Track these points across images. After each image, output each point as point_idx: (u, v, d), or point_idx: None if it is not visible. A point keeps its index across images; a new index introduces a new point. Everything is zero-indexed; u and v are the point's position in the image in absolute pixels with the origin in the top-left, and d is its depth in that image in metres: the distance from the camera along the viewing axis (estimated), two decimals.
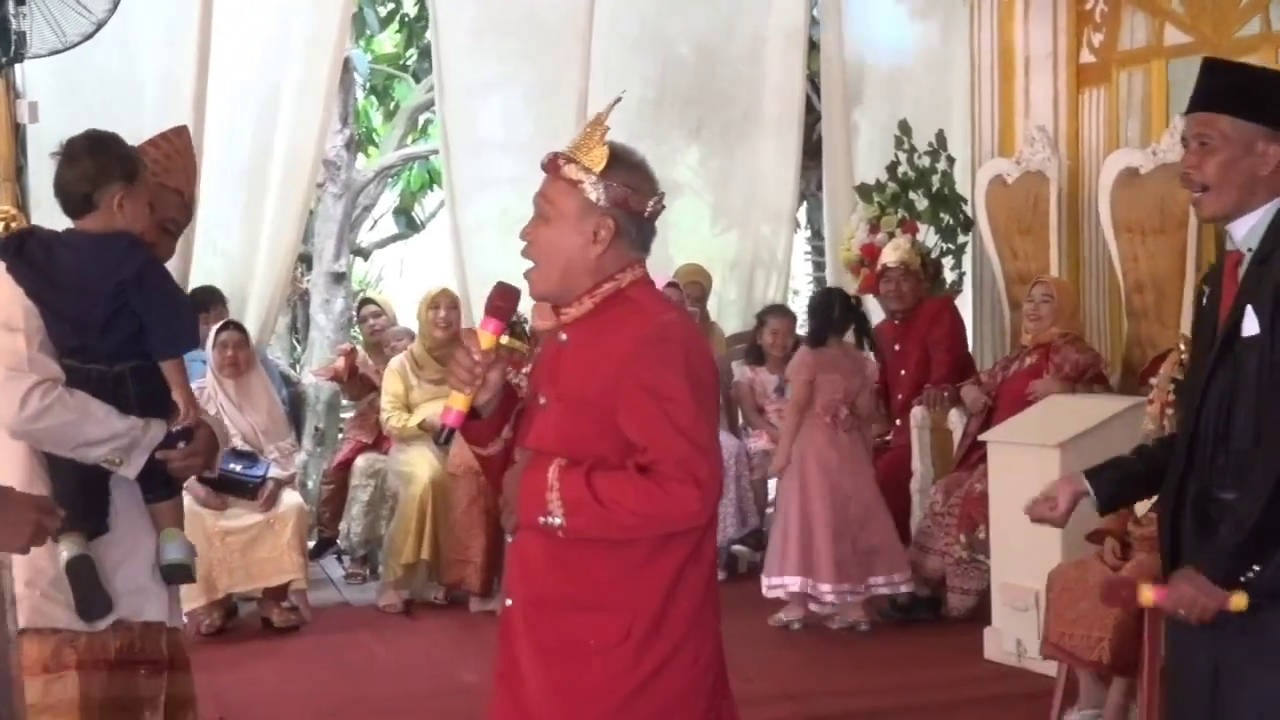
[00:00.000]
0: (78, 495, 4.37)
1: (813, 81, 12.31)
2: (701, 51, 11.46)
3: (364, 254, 17.48)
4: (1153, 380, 6.74)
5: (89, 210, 4.46)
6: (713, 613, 3.74)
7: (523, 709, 3.68)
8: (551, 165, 3.70)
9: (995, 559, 8.03)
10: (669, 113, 11.44)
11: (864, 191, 10.63)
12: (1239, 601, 3.99)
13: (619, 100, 3.75)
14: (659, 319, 3.65)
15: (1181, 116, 5.09)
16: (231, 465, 8.69)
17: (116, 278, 4.39)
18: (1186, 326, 8.42)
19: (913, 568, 8.77)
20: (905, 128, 10.62)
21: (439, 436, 3.76)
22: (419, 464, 9.48)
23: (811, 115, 12.42)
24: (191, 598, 8.54)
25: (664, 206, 3.77)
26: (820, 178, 13.97)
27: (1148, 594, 4.26)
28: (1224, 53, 8.99)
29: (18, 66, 9.58)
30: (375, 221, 17.91)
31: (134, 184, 4.47)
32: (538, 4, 11.11)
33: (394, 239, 18.25)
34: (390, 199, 17.72)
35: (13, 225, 9.09)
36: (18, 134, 9.48)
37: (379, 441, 10.19)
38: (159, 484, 4.52)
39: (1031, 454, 7.73)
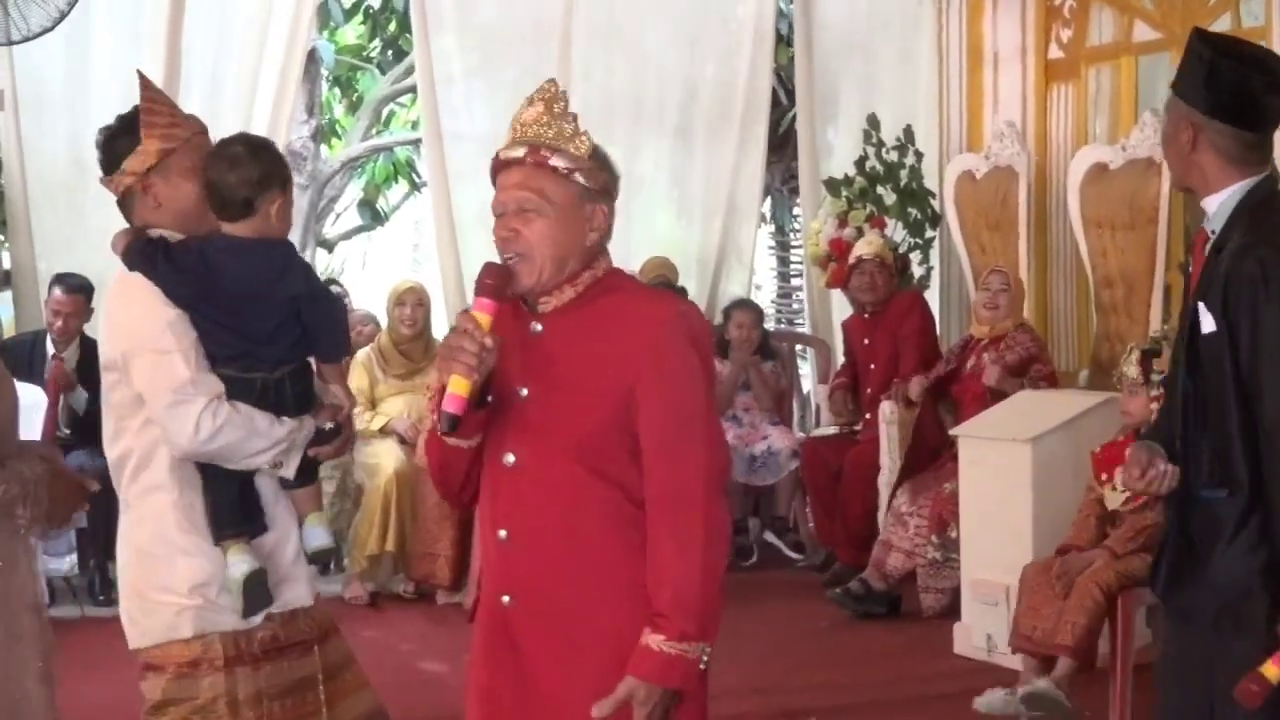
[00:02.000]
0: (235, 500, 4.42)
1: (778, 76, 12.31)
2: (670, 46, 11.45)
3: (328, 246, 17.43)
4: (1153, 376, 6.69)
5: (247, 215, 4.42)
6: None
7: (538, 706, 3.61)
8: (536, 158, 3.58)
9: (965, 554, 8.03)
10: (637, 107, 11.43)
11: (832, 186, 10.63)
12: None
13: (556, 88, 3.74)
14: (675, 310, 3.64)
15: None
16: None
17: (289, 290, 4.42)
18: (1156, 323, 8.49)
19: (874, 564, 8.76)
20: (874, 122, 10.63)
21: (443, 425, 3.51)
22: (384, 456, 9.44)
23: (776, 110, 12.43)
24: None
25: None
26: (784, 172, 13.97)
27: (1273, 671, 3.82)
28: None
29: None
30: (339, 214, 17.87)
31: (288, 190, 4.49)
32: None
33: (358, 231, 18.22)
34: (355, 191, 17.68)
35: None
36: None
37: None
38: (300, 473, 4.53)
39: (1002, 449, 7.74)
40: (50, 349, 9.44)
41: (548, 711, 3.60)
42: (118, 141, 4.56)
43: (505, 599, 3.65)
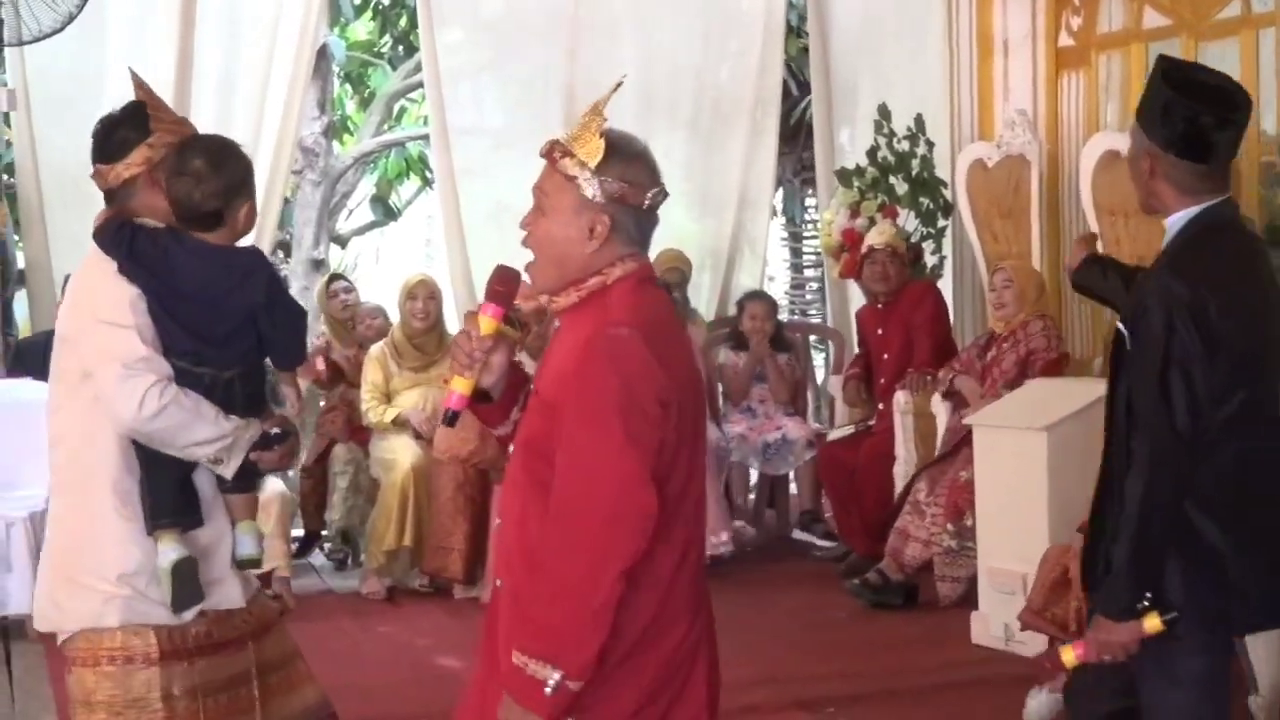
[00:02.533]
0: (174, 490, 4.46)
1: (789, 67, 12.32)
2: (680, 39, 11.46)
3: (341, 241, 17.46)
4: None
5: (217, 226, 4.48)
6: (686, 596, 3.61)
7: (491, 692, 3.60)
8: (549, 156, 3.60)
9: (982, 543, 8.03)
10: (648, 100, 11.43)
11: (844, 176, 10.63)
12: (1153, 624, 4.19)
13: (619, 86, 3.69)
14: (611, 331, 3.50)
15: None
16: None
17: (248, 300, 4.47)
18: None
19: (891, 554, 8.76)
20: (885, 112, 10.61)
21: (444, 418, 3.73)
22: (400, 451, 9.44)
23: (787, 101, 12.43)
24: None
25: (666, 195, 3.67)
26: (795, 164, 13.97)
27: (1069, 655, 4.37)
28: (1204, 36, 9.04)
29: (7, 54, 9.63)
30: (352, 210, 17.89)
31: (253, 193, 4.56)
32: None
33: (371, 226, 18.24)
34: (367, 187, 17.70)
35: None
36: None
37: (354, 434, 10.06)
38: (240, 477, 4.56)
39: (1017, 437, 7.74)
40: None
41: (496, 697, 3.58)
42: (118, 132, 4.56)
43: (497, 582, 3.72)
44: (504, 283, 3.70)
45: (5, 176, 10.34)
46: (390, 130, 16.96)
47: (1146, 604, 4.19)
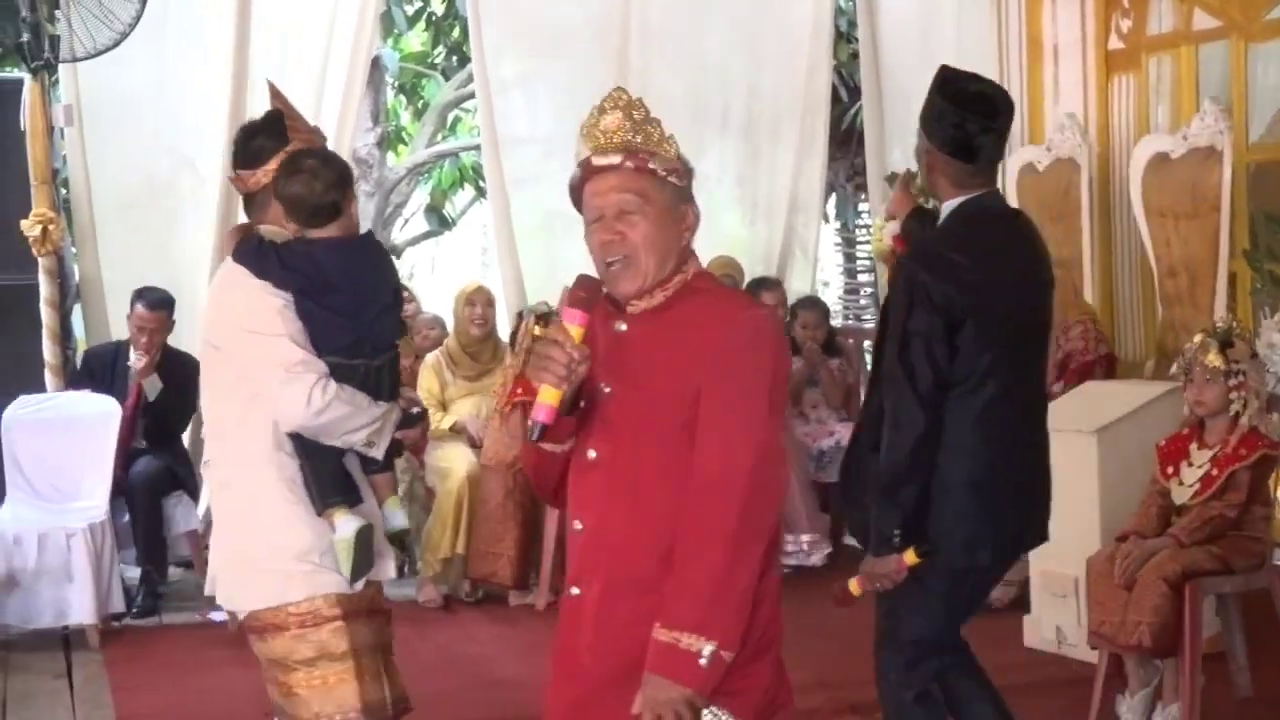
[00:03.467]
0: (336, 472, 4.81)
1: (839, 73, 12.33)
2: (729, 45, 11.49)
3: (396, 252, 17.54)
4: (1233, 365, 6.69)
5: (336, 218, 4.77)
6: (778, 593, 3.72)
7: (592, 699, 3.65)
8: (636, 162, 3.65)
9: None
10: (698, 106, 11.47)
11: (894, 182, 10.63)
12: (911, 557, 4.99)
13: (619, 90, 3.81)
14: (751, 311, 3.72)
15: None
16: None
17: (389, 279, 4.86)
18: (1221, 311, 8.47)
19: None
20: None
21: (532, 434, 3.65)
22: (455, 460, 9.48)
23: (838, 107, 12.44)
24: None
25: None
26: (848, 169, 13.99)
27: (854, 585, 5.17)
28: (1254, 37, 9.03)
29: (61, 71, 9.75)
30: (407, 220, 17.98)
31: (353, 199, 4.87)
32: (568, 2, 11.22)
33: (425, 236, 18.33)
34: (421, 197, 17.79)
35: (49, 229, 9.19)
36: (53, 138, 9.60)
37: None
38: (380, 459, 4.92)
39: (1069, 440, 7.70)
40: (133, 358, 9.55)
41: (600, 705, 3.63)
42: (256, 139, 4.89)
43: (575, 590, 3.71)
44: (585, 289, 3.70)
45: (63, 191, 10.44)
46: (444, 140, 17.05)
47: (898, 538, 4.97)
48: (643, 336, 3.68)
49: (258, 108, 10.27)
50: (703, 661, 3.45)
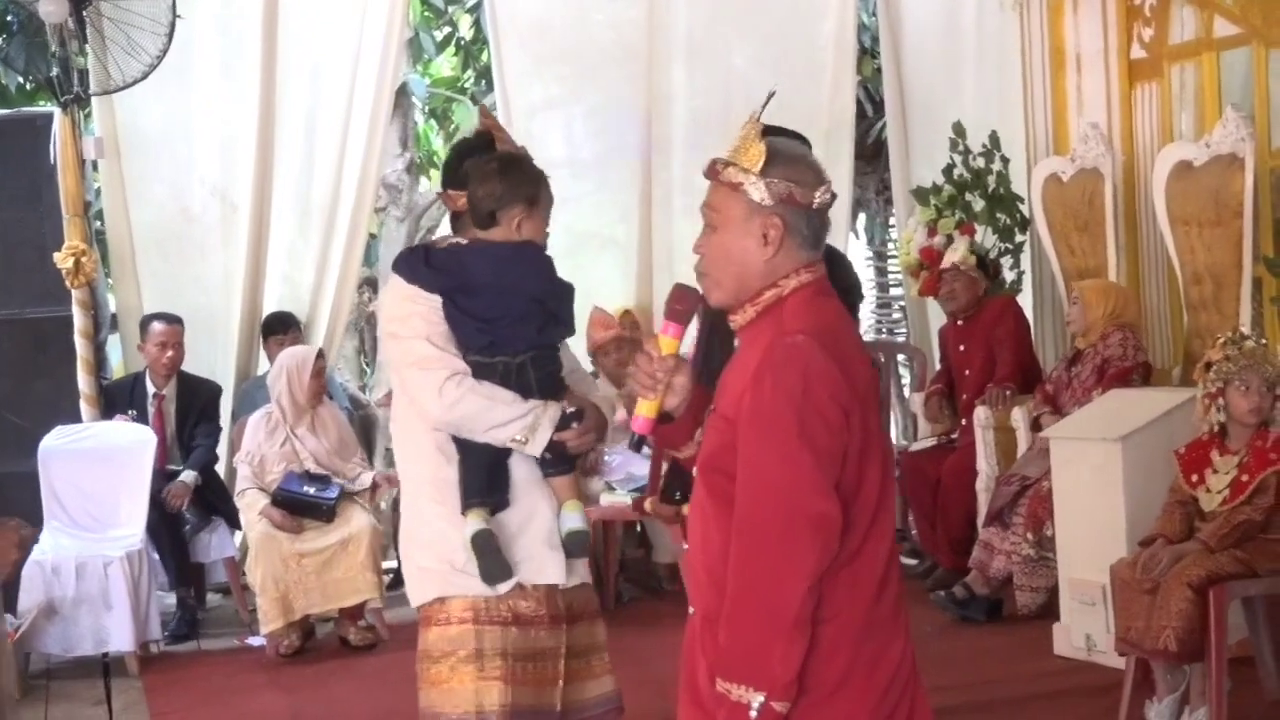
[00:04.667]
0: (483, 474, 4.89)
1: (864, 88, 12.38)
2: (756, 64, 11.53)
3: None
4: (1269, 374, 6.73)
5: (491, 225, 4.91)
6: (891, 620, 3.54)
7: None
8: (711, 172, 3.59)
9: (1061, 554, 8.05)
10: (725, 125, 11.51)
11: (920, 195, 10.68)
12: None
13: (772, 96, 3.69)
14: (786, 339, 3.47)
15: None
16: (305, 488, 8.90)
17: (529, 286, 4.89)
18: (1246, 318, 8.49)
19: (977, 568, 8.82)
20: (959, 129, 10.65)
21: (631, 443, 3.73)
22: None
23: (863, 122, 12.48)
24: (269, 620, 8.72)
25: (834, 195, 3.64)
26: (877, 183, 14.02)
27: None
28: (1274, 43, 9.04)
29: (93, 104, 9.86)
30: None
31: (535, 207, 4.94)
32: (594, 25, 11.28)
33: None
34: None
35: (82, 260, 9.29)
36: (84, 171, 9.71)
37: None
38: (555, 459, 4.93)
39: (1093, 448, 7.77)
40: (150, 388, 9.74)
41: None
42: (466, 160, 5.05)
43: (690, 610, 3.69)
44: (681, 301, 3.69)
45: (97, 224, 10.55)
46: None
47: (679, 497, 5.31)
48: (738, 354, 3.64)
49: (285, 136, 10.43)
50: (753, 714, 3.37)
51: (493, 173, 4.90)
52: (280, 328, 10.14)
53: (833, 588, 3.41)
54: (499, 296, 4.84)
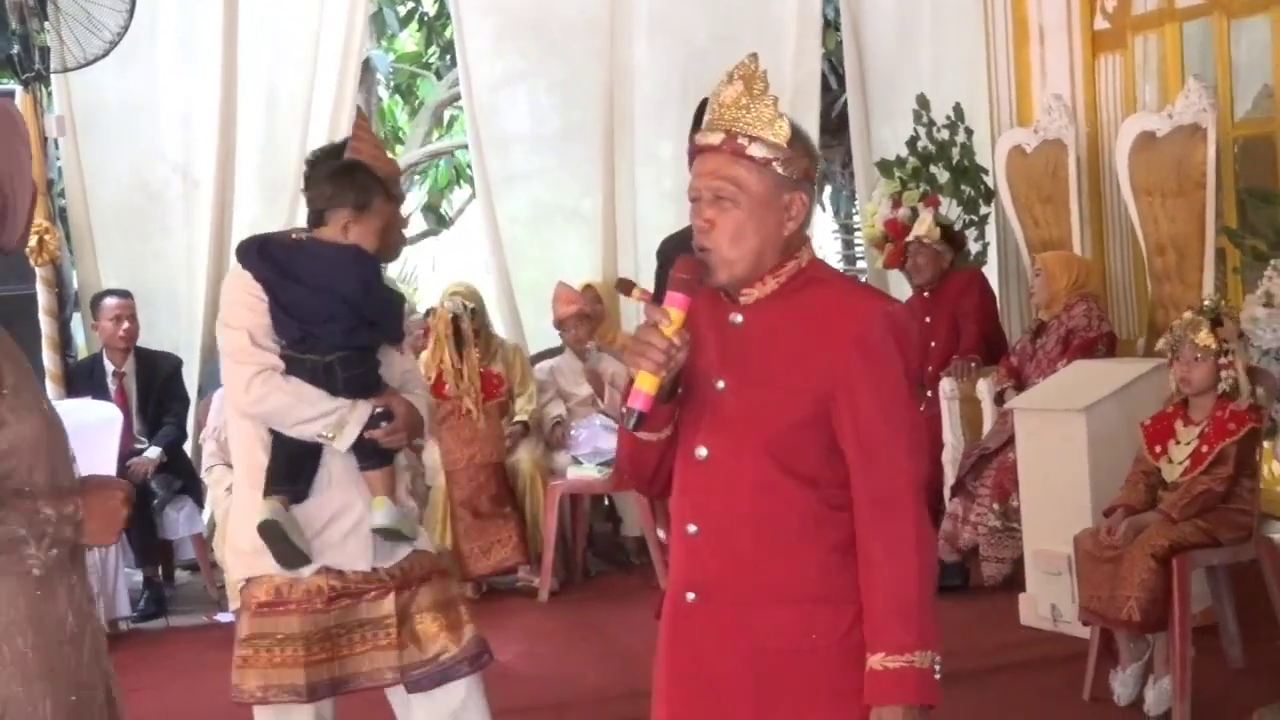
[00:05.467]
0: (287, 465, 5.03)
1: (828, 60, 12.37)
2: (719, 38, 11.51)
3: None
4: (1223, 344, 6.75)
5: (321, 224, 5.08)
6: None
7: (717, 707, 3.54)
8: (733, 146, 3.44)
9: (1027, 525, 8.07)
10: (690, 101, 11.49)
11: (885, 167, 10.69)
12: None
13: (755, 58, 3.53)
14: (882, 308, 3.50)
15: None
16: None
17: (352, 285, 4.98)
18: (1209, 287, 8.52)
19: (945, 538, 8.84)
20: (923, 101, 10.66)
21: (629, 421, 3.48)
22: (437, 455, 9.51)
23: (828, 95, 12.48)
24: (237, 596, 8.67)
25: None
26: (843, 156, 14.04)
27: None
28: (1236, 13, 9.07)
29: (53, 81, 9.81)
30: (406, 219, 18.02)
31: (364, 213, 5.05)
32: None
33: (424, 235, 18.38)
34: (419, 196, 17.85)
35: (45, 238, 9.26)
36: (46, 148, 9.66)
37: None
38: (369, 455, 5.07)
39: (1058, 419, 7.80)
40: (109, 367, 9.74)
41: (735, 714, 3.52)
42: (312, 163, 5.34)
43: (690, 595, 3.57)
44: (689, 270, 3.48)
45: (59, 201, 10.51)
46: (440, 139, 17.10)
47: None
48: (758, 329, 3.52)
49: (247, 112, 10.41)
50: (937, 674, 3.38)
51: (323, 176, 5.11)
52: None
53: None
54: (312, 294, 4.97)
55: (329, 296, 4.96)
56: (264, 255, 5.03)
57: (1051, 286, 9.00)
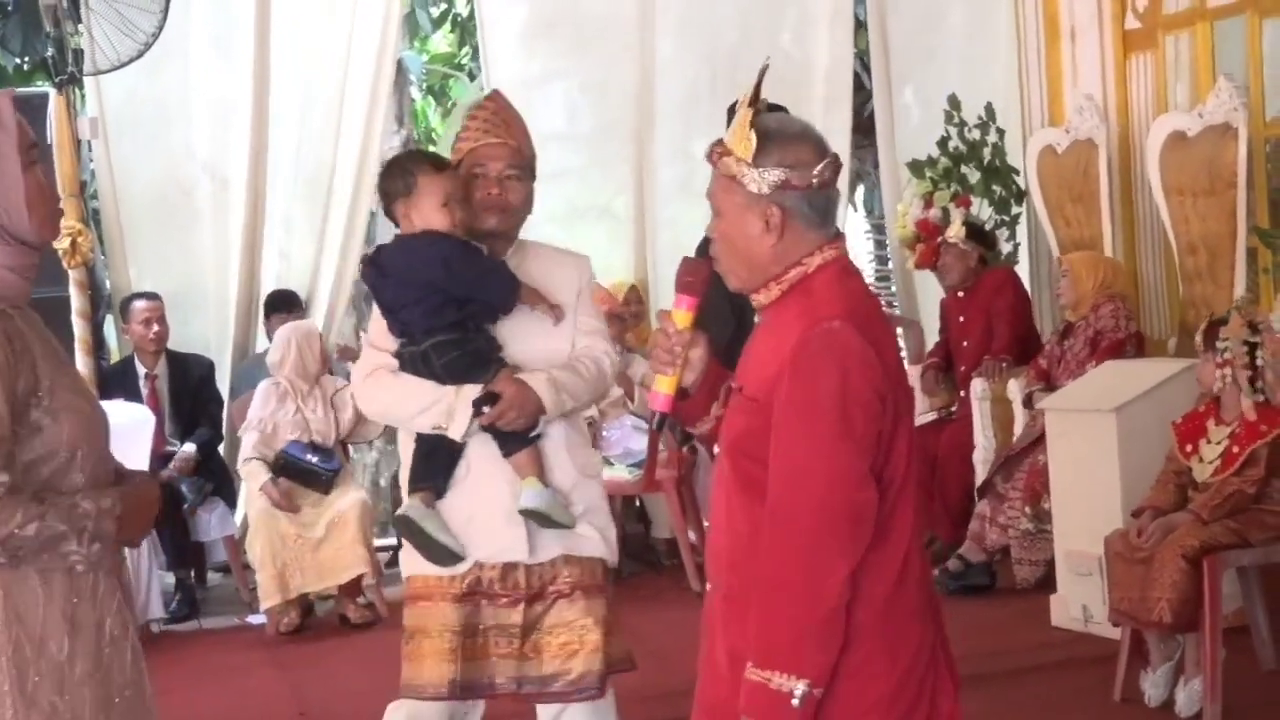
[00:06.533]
0: (422, 460, 5.04)
1: (861, 60, 12.35)
2: (749, 35, 11.49)
3: None
4: (1219, 343, 6.74)
5: (399, 223, 5.09)
6: (913, 603, 3.50)
7: (715, 695, 3.60)
8: (711, 158, 3.54)
9: (1057, 526, 8.06)
10: (720, 99, 11.48)
11: (916, 168, 10.66)
12: None
13: (765, 71, 3.51)
14: (825, 324, 3.40)
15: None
16: (308, 456, 8.93)
17: (429, 268, 4.94)
18: (1240, 288, 8.50)
19: (973, 537, 8.84)
20: (954, 102, 10.62)
21: (651, 422, 3.61)
22: None
23: (861, 94, 12.45)
24: (268, 595, 8.77)
25: (838, 167, 3.56)
26: (874, 156, 14.02)
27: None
28: (1267, 12, 9.04)
29: (86, 84, 9.85)
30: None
31: (412, 195, 5.01)
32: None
33: None
34: None
35: (78, 240, 9.29)
36: (79, 151, 9.69)
37: None
38: (506, 439, 4.98)
39: (1088, 419, 7.79)
40: (141, 370, 9.78)
41: (723, 701, 3.53)
42: None
43: (707, 587, 3.69)
44: (692, 273, 3.61)
45: (91, 204, 10.56)
46: None
47: None
48: (761, 332, 3.61)
49: (280, 113, 10.43)
50: (795, 702, 3.33)
51: (378, 182, 5.23)
52: (284, 306, 10.14)
53: (858, 571, 3.38)
54: (398, 286, 5.01)
55: (410, 285, 4.97)
56: (371, 260, 5.13)
57: (1078, 288, 8.98)
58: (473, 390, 4.90)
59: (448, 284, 4.92)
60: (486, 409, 4.87)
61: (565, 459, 5.08)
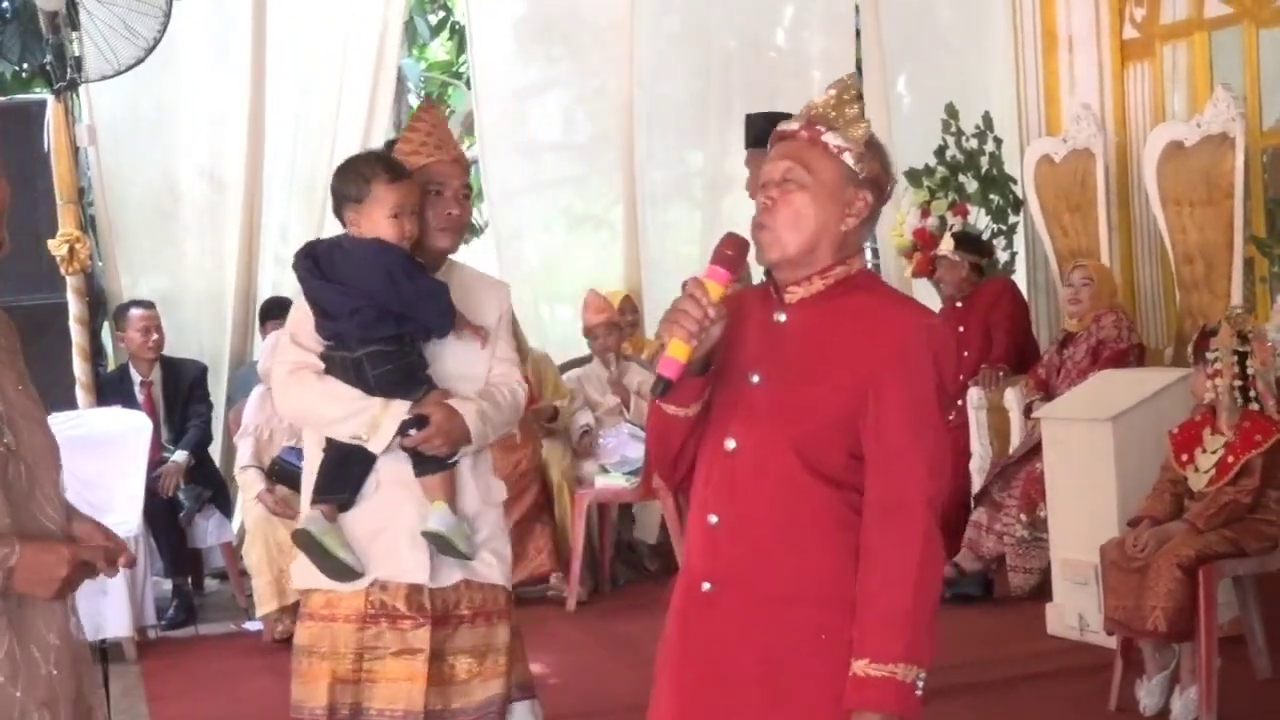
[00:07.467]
0: (332, 470, 4.91)
1: (858, 69, 12.36)
2: (745, 43, 11.50)
3: None
4: (1209, 354, 6.76)
5: (347, 225, 4.99)
6: None
7: (732, 700, 3.53)
8: (811, 132, 3.50)
9: (1054, 534, 8.07)
10: (715, 106, 11.50)
11: (913, 176, 10.66)
12: None
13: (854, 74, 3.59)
14: (924, 321, 3.52)
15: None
16: (300, 462, 8.93)
17: (372, 278, 4.83)
18: (1237, 297, 8.51)
19: (968, 545, 8.84)
20: (952, 111, 10.64)
21: (657, 388, 3.47)
22: None
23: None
24: (264, 601, 8.76)
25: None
26: None
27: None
28: (1265, 22, 9.07)
29: (81, 91, 9.84)
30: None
31: (363, 203, 4.90)
32: (579, 5, 11.25)
33: None
34: None
35: (76, 247, 9.29)
36: (77, 157, 9.69)
37: None
38: (423, 459, 4.86)
39: (1084, 429, 7.80)
40: (136, 377, 9.79)
41: (744, 706, 3.51)
42: None
43: (707, 586, 3.57)
44: (734, 247, 3.49)
45: (89, 210, 10.56)
46: (470, 147, 17.11)
47: None
48: (801, 327, 3.54)
49: (276, 120, 10.44)
50: (919, 691, 3.36)
51: (332, 181, 5.09)
52: (280, 312, 10.10)
53: None
54: (336, 290, 4.88)
55: (349, 292, 4.84)
56: (305, 254, 4.99)
57: (1099, 295, 8.96)
58: (400, 406, 4.79)
59: (387, 298, 4.81)
60: (413, 431, 4.77)
61: (470, 485, 5.01)
